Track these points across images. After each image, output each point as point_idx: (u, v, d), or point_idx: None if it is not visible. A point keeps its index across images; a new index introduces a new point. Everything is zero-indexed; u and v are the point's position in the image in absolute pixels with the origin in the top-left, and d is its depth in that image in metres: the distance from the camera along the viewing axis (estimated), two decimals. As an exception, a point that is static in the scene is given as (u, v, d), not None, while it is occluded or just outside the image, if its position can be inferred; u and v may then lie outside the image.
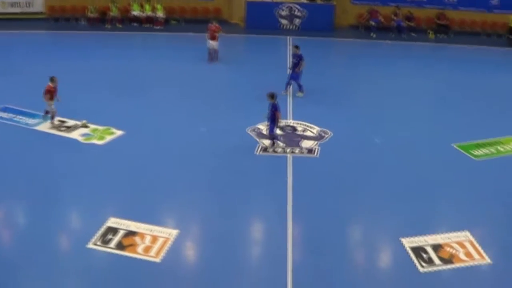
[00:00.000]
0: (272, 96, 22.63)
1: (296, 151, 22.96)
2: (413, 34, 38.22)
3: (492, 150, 24.27)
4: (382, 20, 38.13)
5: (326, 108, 27.02)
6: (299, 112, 26.17)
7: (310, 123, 25.03)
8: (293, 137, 24.01)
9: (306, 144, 23.52)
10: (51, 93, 23.75)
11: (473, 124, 26.64)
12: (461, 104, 28.89)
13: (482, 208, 20.40)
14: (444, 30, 38.78)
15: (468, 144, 24.45)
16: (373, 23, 37.83)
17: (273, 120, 22.75)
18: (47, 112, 24.30)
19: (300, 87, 28.31)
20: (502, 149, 24.43)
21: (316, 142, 23.70)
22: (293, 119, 25.62)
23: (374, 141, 24.31)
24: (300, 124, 25.14)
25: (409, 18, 38.36)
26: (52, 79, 23.87)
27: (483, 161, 23.45)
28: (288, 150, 23.01)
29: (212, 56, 32.83)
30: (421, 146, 24.24)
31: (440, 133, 25.26)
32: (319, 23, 37.01)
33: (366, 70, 31.60)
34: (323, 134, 24.32)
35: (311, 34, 35.89)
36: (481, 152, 24.00)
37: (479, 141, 24.73)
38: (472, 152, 23.91)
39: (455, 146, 24.23)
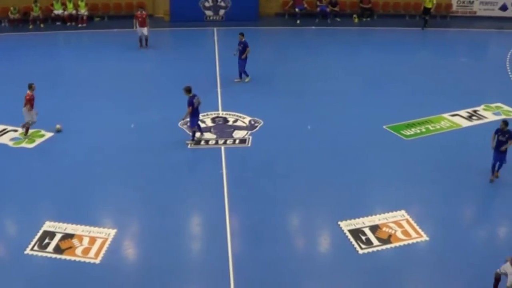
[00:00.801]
0: (188, 90, 22.57)
1: (229, 142, 23.02)
2: (338, 19, 38.64)
3: (422, 129, 24.83)
4: (307, 6, 38.44)
5: (257, 97, 27.15)
6: (229, 103, 26.22)
7: (241, 113, 25.12)
8: (224, 129, 24.06)
9: (238, 134, 23.62)
10: (31, 102, 22.82)
11: (403, 104, 27.18)
12: (389, 86, 29.40)
13: (415, 186, 20.93)
14: (368, 14, 39.31)
15: (398, 124, 24.96)
16: (297, 10, 38.11)
17: (193, 114, 22.71)
18: (26, 128, 23.15)
19: (245, 73, 28.73)
20: (432, 128, 25.02)
21: (248, 132, 23.81)
22: (224, 110, 25.65)
23: (305, 127, 24.56)
24: (231, 114, 25.20)
25: (333, 3, 38.75)
26: (30, 87, 22.87)
27: (414, 140, 23.99)
28: (220, 141, 23.06)
29: (143, 43, 33.18)
30: (352, 129, 24.59)
31: (371, 116, 25.67)
32: (244, 13, 37.08)
33: (294, 57, 31.83)
34: (254, 123, 24.45)
35: (237, 24, 35.90)
36: (411, 132, 24.54)
37: (409, 121, 25.27)
38: (403, 132, 24.42)
39: (386, 128, 24.69)
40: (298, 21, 37.69)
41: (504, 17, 41.29)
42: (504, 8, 41.47)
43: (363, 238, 17.77)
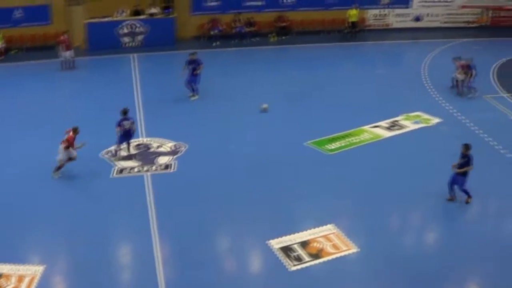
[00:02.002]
0: (123, 112, 22.73)
1: (153, 168, 22.94)
2: (255, 39, 39.01)
3: (345, 142, 25.27)
4: (224, 28, 38.71)
5: (179, 121, 27.16)
6: (152, 128, 26.14)
7: (165, 138, 25.06)
8: (148, 155, 23.97)
9: (162, 160, 23.56)
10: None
11: (324, 119, 27.63)
12: (310, 101, 29.86)
13: (342, 199, 21.29)
14: (285, 32, 39.86)
15: (321, 140, 25.34)
16: (215, 32, 38.32)
17: (123, 135, 23.11)
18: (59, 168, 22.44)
19: (196, 90, 29.50)
20: (354, 141, 25.48)
21: (172, 157, 23.78)
22: (146, 136, 25.56)
23: (229, 148, 24.69)
24: (154, 140, 25.13)
25: (250, 23, 39.13)
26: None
27: (337, 154, 24.40)
28: (144, 168, 22.95)
29: (69, 65, 33.69)
30: (275, 147, 24.86)
31: (293, 132, 26.03)
32: (161, 37, 37.08)
33: (213, 79, 31.92)
34: (178, 148, 24.44)
35: (155, 49, 35.94)
36: (334, 146, 24.94)
37: (331, 136, 25.69)
38: (326, 147, 24.81)
39: (308, 144, 25.01)
40: (216, 43, 37.90)
41: (418, 27, 42.48)
42: (417, 19, 42.65)
43: (294, 255, 17.93)
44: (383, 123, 27.23)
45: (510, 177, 23.08)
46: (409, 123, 27.36)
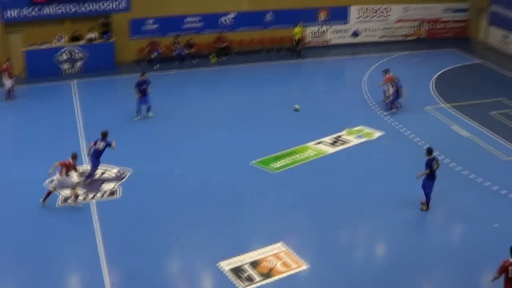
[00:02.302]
0: (104, 134, 23.72)
1: (98, 195, 22.78)
2: (195, 61, 39.05)
3: (290, 160, 25.48)
4: (163, 51, 38.65)
5: (123, 146, 26.78)
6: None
7: (108, 164, 24.88)
8: (92, 183, 23.78)
9: (107, 186, 23.42)
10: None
11: (268, 138, 27.82)
12: (253, 120, 30.01)
13: (290, 217, 21.53)
14: (225, 52, 39.98)
15: (266, 158, 25.50)
16: (154, 55, 38.24)
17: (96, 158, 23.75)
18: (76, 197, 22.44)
19: (150, 107, 29.98)
20: (298, 158, 25.72)
21: (117, 183, 23.66)
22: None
23: (174, 172, 24.66)
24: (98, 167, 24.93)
25: (189, 45, 39.15)
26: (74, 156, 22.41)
27: (282, 172, 24.62)
28: (89, 196, 22.78)
29: (11, 94, 33.07)
30: (221, 168, 24.97)
31: (238, 153, 26.16)
32: (101, 62, 36.81)
33: (155, 102, 31.72)
34: (123, 173, 24.32)
35: (95, 74, 35.65)
36: (279, 164, 25.12)
37: (276, 154, 25.88)
38: (271, 165, 24.99)
39: (253, 163, 25.16)
40: (156, 66, 37.87)
41: (356, 43, 43.11)
42: (355, 34, 43.25)
43: (245, 275, 18.06)
44: (327, 139, 27.57)
45: (454, 185, 23.60)
46: (352, 138, 27.76)
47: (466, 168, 25.34)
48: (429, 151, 22.17)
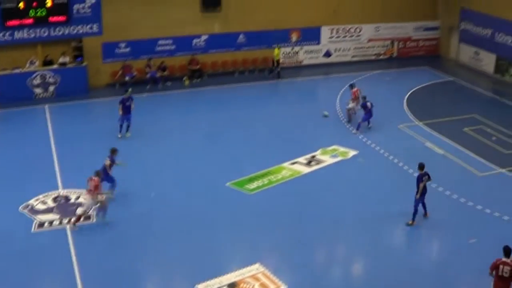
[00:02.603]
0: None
1: (73, 220, 22.62)
2: (169, 83, 39.05)
3: (265, 181, 25.54)
4: (136, 74, 38.64)
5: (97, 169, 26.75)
6: (69, 180, 25.74)
7: (83, 188, 24.66)
8: (67, 207, 23.66)
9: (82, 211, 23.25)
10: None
11: (243, 159, 27.93)
12: (228, 142, 30.11)
13: (266, 237, 21.57)
14: (198, 75, 40.05)
15: (241, 180, 25.54)
16: (128, 78, 38.22)
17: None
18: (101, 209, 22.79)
19: (128, 127, 30.65)
20: (274, 179, 25.78)
21: (92, 207, 23.50)
22: (65, 188, 25.20)
23: (150, 195, 24.57)
24: (73, 192, 24.82)
25: (162, 68, 39.17)
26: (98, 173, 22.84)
27: (258, 193, 24.67)
28: (65, 221, 22.64)
29: None
30: (197, 190, 24.98)
31: (214, 175, 26.19)
32: (74, 87, 36.67)
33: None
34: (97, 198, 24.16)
35: (68, 98, 35.50)
36: (254, 185, 25.18)
37: (251, 175, 25.93)
38: (247, 187, 25.04)
39: (229, 185, 25.19)
40: (129, 90, 37.81)
41: (329, 63, 43.43)
42: (327, 54, 43.58)
43: (222, 297, 18.01)
44: (302, 159, 27.69)
45: (429, 202, 23.74)
46: (327, 158, 27.90)
47: (441, 184, 25.55)
48: (421, 166, 22.68)
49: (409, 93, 38.03)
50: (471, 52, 44.80)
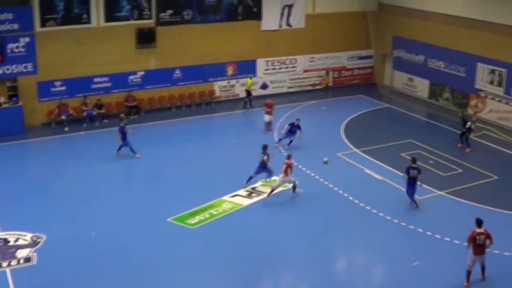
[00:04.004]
0: None
1: (13, 263, 22.31)
2: (106, 121, 38.87)
3: (206, 215, 25.60)
4: (73, 112, 38.41)
5: (36, 211, 26.47)
6: (7, 221, 25.33)
7: (22, 230, 24.42)
8: (6, 250, 23.31)
9: (22, 253, 22.97)
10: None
11: (184, 194, 27.96)
12: (168, 177, 30.14)
13: (209, 273, 21.67)
14: (135, 111, 39.97)
15: (182, 215, 25.54)
16: (64, 117, 37.96)
17: None
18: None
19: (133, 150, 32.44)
20: (215, 212, 25.86)
21: (31, 249, 23.25)
22: (3, 230, 24.80)
23: (90, 234, 24.34)
24: (11, 234, 24.45)
25: (99, 105, 39.01)
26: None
27: (200, 227, 24.72)
28: (4, 264, 22.29)
29: None
30: (138, 228, 24.89)
31: (154, 211, 26.15)
32: (9, 127, 36.18)
33: (66, 164, 31.51)
34: (37, 240, 23.90)
35: (3, 139, 35.02)
36: (196, 220, 25.22)
37: (192, 210, 25.97)
38: (188, 221, 25.07)
39: (170, 220, 25.16)
40: (66, 128, 37.56)
41: (266, 95, 43.77)
42: (264, 86, 44.08)
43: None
44: (242, 192, 27.88)
45: (371, 227, 24.13)
46: (267, 189, 28.07)
47: (381, 210, 26.10)
48: (413, 160, 26.83)
49: (346, 122, 38.72)
50: (405, 79, 46.00)
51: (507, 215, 26.35)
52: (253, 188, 28.26)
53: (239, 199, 27.20)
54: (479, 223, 20.80)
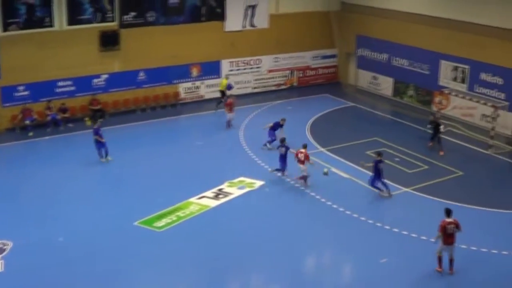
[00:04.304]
0: None
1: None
2: (70, 125, 38.57)
3: (173, 217, 25.50)
4: (37, 117, 38.04)
5: (1, 218, 26.13)
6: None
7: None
8: (-28, 258, 23.02)
9: (-12, 261, 22.72)
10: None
11: (150, 197, 27.80)
12: (133, 180, 29.96)
13: (180, 276, 21.46)
14: (100, 115, 39.67)
15: (149, 218, 25.41)
16: (28, 122, 37.60)
17: None
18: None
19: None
20: (182, 214, 25.77)
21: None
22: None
23: (58, 240, 24.10)
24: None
25: (63, 110, 38.67)
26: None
27: (168, 230, 24.61)
28: (-29, 273, 22.04)
29: None
30: (105, 232, 24.71)
31: (121, 215, 26.01)
32: (-29, 134, 35.95)
33: (30, 170, 31.19)
34: (3, 247, 23.62)
35: (-35, 147, 34.69)
36: (163, 222, 25.09)
37: (159, 213, 25.84)
38: (155, 224, 24.94)
39: (137, 224, 25.02)
40: (30, 133, 37.19)
41: (231, 95, 43.68)
42: (229, 87, 43.97)
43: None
44: (209, 193, 27.84)
45: (338, 225, 24.25)
46: (234, 190, 28.13)
47: (348, 208, 26.26)
48: (378, 153, 28.00)
49: (311, 121, 38.86)
50: (369, 77, 46.31)
51: (473, 210, 26.65)
52: (220, 190, 28.21)
53: (206, 201, 27.15)
54: (448, 212, 21.47)
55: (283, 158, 29.64)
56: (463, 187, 29.31)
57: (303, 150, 28.74)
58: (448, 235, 21.23)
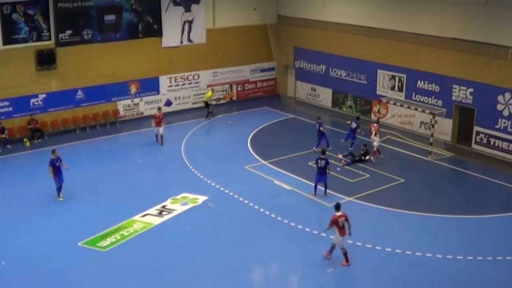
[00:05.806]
0: None
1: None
2: (8, 146, 37.92)
3: (117, 236, 25.25)
4: (-27, 139, 37.31)
5: None
6: None
7: None
8: None
9: None
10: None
11: (92, 217, 27.45)
12: (76, 201, 29.48)
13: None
14: (38, 135, 39.10)
15: (93, 238, 25.10)
16: (-36, 145, 36.84)
17: None
18: None
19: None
20: (126, 233, 25.52)
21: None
22: None
23: (0, 264, 23.61)
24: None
25: (1, 130, 37.97)
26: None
27: (112, 249, 24.32)
28: None
29: None
30: (48, 253, 24.33)
31: (64, 235, 25.64)
32: None
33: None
34: None
35: None
36: (107, 242, 24.81)
37: (103, 232, 25.56)
38: (99, 244, 24.64)
39: (81, 244, 24.68)
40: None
41: (171, 112, 43.60)
42: (168, 103, 43.84)
43: None
44: (152, 211, 27.67)
45: (282, 237, 24.32)
46: (177, 206, 28.05)
47: (292, 220, 26.35)
48: (322, 152, 29.48)
49: (252, 134, 38.96)
50: (308, 89, 46.78)
51: (416, 216, 27.04)
52: (163, 207, 28.03)
53: (150, 218, 26.97)
54: (337, 207, 23.32)
55: (322, 133, 34.60)
56: (404, 193, 29.77)
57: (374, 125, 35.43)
58: (341, 228, 22.88)
